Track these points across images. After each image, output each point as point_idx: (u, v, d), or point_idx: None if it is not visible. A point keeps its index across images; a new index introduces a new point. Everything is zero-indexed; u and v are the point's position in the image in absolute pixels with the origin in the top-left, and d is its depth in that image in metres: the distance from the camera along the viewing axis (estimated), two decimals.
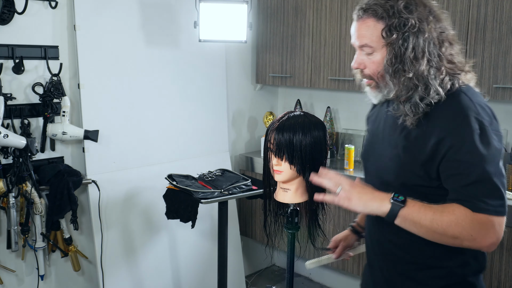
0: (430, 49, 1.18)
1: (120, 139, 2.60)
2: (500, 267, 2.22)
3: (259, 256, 3.57)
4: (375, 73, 1.25)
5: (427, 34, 1.17)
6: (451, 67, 1.20)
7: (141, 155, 2.71)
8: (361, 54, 1.26)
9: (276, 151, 1.31)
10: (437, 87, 1.17)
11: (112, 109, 2.56)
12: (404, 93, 1.20)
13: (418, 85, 1.18)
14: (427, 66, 1.17)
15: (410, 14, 1.17)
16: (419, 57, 1.17)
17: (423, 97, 1.17)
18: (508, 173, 2.40)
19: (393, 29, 1.18)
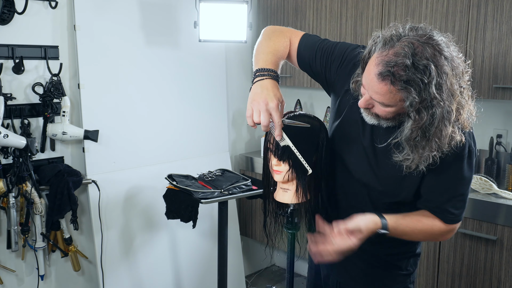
0: (453, 121, 1.13)
1: (120, 139, 2.60)
2: (500, 267, 2.22)
3: (259, 256, 3.57)
4: (383, 116, 1.19)
5: (453, 107, 1.11)
6: (464, 128, 1.19)
7: (141, 155, 2.71)
8: (370, 98, 1.17)
9: (276, 152, 1.31)
10: (448, 148, 1.17)
11: (112, 109, 2.56)
12: (421, 161, 1.17)
13: (436, 155, 1.16)
14: (448, 138, 1.14)
15: (440, 95, 1.07)
16: (443, 134, 1.12)
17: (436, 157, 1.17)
18: (508, 173, 2.40)
19: (422, 109, 1.08)
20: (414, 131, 1.11)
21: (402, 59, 1.06)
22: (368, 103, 1.18)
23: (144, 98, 2.71)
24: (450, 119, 1.10)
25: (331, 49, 1.40)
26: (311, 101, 3.47)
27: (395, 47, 1.09)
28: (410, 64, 1.05)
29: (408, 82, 1.06)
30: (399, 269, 1.45)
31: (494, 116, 2.59)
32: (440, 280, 2.42)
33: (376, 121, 1.22)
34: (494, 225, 2.21)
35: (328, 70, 1.40)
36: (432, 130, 1.10)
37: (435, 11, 2.44)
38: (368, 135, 1.31)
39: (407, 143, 1.15)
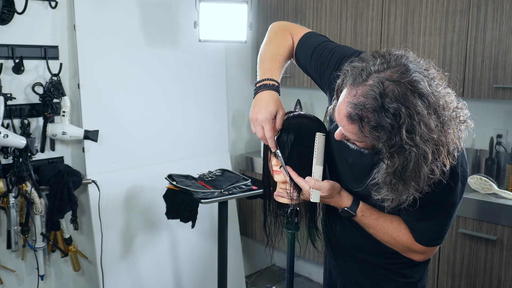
0: (430, 163, 1.01)
1: (120, 139, 2.60)
2: (500, 267, 2.22)
3: (259, 256, 3.57)
4: (362, 147, 1.13)
5: (429, 150, 1.00)
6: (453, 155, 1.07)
7: (141, 155, 2.71)
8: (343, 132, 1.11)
9: None
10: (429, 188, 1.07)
11: (112, 109, 2.56)
12: (400, 201, 1.08)
13: (415, 195, 1.07)
14: (426, 179, 1.03)
15: (412, 140, 0.98)
16: (421, 176, 1.02)
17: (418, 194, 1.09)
18: (508, 173, 2.40)
19: (395, 153, 1.01)
20: (389, 175, 1.03)
21: (371, 103, 0.98)
22: (342, 136, 1.14)
23: (144, 98, 2.71)
24: (426, 162, 1.00)
25: (326, 55, 1.33)
26: (311, 101, 3.47)
27: (364, 85, 1.01)
28: (379, 108, 0.98)
29: (376, 128, 0.99)
30: (404, 277, 1.40)
31: (494, 116, 2.59)
32: (440, 280, 2.42)
33: (354, 146, 1.16)
34: (494, 225, 2.21)
35: (322, 77, 1.37)
36: (407, 174, 1.01)
37: (435, 11, 2.44)
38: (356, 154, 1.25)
39: (384, 185, 1.07)
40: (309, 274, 3.49)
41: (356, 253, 1.42)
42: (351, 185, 1.32)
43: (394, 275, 1.39)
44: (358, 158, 1.25)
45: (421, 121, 0.97)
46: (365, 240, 1.37)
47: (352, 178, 1.31)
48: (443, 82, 1.06)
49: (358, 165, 1.27)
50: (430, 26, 2.47)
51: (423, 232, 1.25)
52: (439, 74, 1.07)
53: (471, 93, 2.34)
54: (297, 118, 1.32)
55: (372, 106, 0.98)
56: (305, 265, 3.50)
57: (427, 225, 1.24)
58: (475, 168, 2.65)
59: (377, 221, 1.29)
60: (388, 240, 1.30)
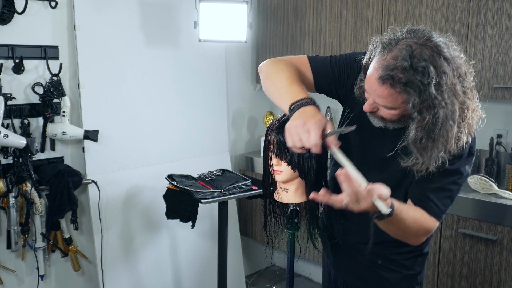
0: (457, 121, 1.12)
1: (120, 139, 2.60)
2: (500, 267, 2.22)
3: (259, 256, 3.57)
4: (388, 119, 1.20)
5: (457, 107, 1.11)
6: (469, 129, 1.19)
7: (141, 155, 2.71)
8: (374, 102, 1.18)
9: (276, 151, 1.31)
10: (456, 149, 1.18)
11: (112, 109, 2.56)
12: (430, 163, 1.17)
13: (444, 156, 1.17)
14: (454, 139, 1.14)
15: (441, 95, 1.07)
16: (449, 134, 1.12)
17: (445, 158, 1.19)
18: (508, 173, 2.40)
19: (424, 109, 1.09)
20: (418, 131, 1.11)
21: (401, 62, 1.07)
22: (372, 107, 1.20)
23: (144, 98, 2.71)
24: (454, 119, 1.10)
25: (342, 60, 1.39)
26: None
27: (393, 50, 1.10)
28: (409, 66, 1.06)
29: (408, 84, 1.07)
30: (406, 269, 1.44)
31: (494, 116, 2.59)
32: (440, 280, 2.42)
33: (382, 123, 1.23)
34: (494, 225, 2.21)
35: (345, 83, 1.40)
36: (436, 130, 1.10)
37: (435, 11, 2.44)
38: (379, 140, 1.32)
39: (414, 146, 1.15)
40: (309, 274, 3.49)
41: (361, 246, 1.42)
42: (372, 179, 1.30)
43: (398, 266, 1.42)
44: (378, 150, 1.32)
45: (448, 80, 1.08)
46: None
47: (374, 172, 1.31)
48: (463, 56, 1.15)
49: (378, 157, 1.32)
50: (430, 26, 2.47)
51: (436, 203, 1.26)
52: (459, 47, 1.16)
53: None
54: None
55: (402, 65, 1.07)
56: (305, 265, 3.50)
57: (441, 196, 1.26)
58: (475, 168, 2.65)
59: (408, 213, 1.22)
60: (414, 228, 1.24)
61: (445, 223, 2.36)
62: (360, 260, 1.44)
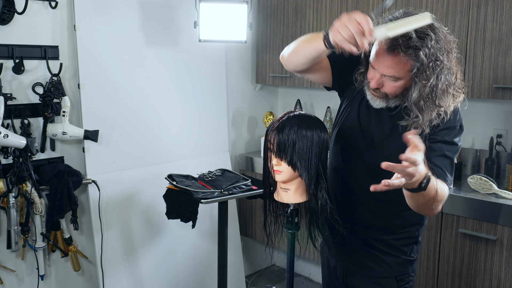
0: (452, 81, 1.30)
1: (120, 139, 2.60)
2: (500, 267, 2.22)
3: (259, 256, 3.57)
4: (392, 94, 1.34)
5: (451, 68, 1.29)
6: (458, 91, 1.35)
7: (141, 155, 2.71)
8: (381, 77, 1.32)
9: (276, 151, 1.31)
10: (450, 111, 1.34)
11: (112, 109, 2.56)
12: (430, 120, 1.31)
13: (441, 114, 1.32)
14: (451, 97, 1.31)
15: (442, 56, 1.25)
16: (447, 91, 1.29)
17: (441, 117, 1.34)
18: (508, 173, 2.40)
19: (429, 71, 1.25)
20: (423, 92, 1.26)
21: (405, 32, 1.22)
22: (379, 82, 1.32)
23: (144, 98, 2.71)
24: (450, 80, 1.28)
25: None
26: (311, 101, 3.47)
27: None
28: (414, 34, 1.23)
29: (415, 47, 1.23)
30: (404, 254, 1.52)
31: (494, 116, 2.59)
32: (440, 280, 2.42)
33: (384, 103, 1.37)
34: (494, 225, 2.21)
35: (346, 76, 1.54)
36: (438, 89, 1.26)
37: (435, 11, 2.44)
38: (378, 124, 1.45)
39: (416, 106, 1.28)
40: (309, 274, 3.49)
41: (364, 231, 1.50)
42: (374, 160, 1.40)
43: (397, 251, 1.50)
44: (378, 132, 1.44)
45: (444, 46, 1.27)
46: (373, 216, 1.48)
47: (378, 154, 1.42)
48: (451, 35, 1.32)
49: (379, 138, 1.43)
50: None
51: (443, 169, 1.35)
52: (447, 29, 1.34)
53: (471, 93, 2.34)
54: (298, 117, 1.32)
55: (407, 34, 1.23)
56: (305, 265, 3.50)
57: (444, 163, 1.36)
58: (475, 168, 2.65)
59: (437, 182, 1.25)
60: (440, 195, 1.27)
61: (445, 223, 2.36)
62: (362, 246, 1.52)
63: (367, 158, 1.47)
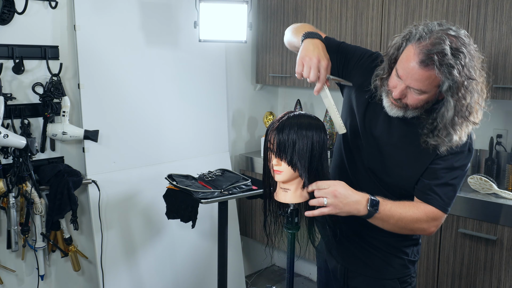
0: (482, 99, 1.29)
1: (120, 139, 2.60)
2: (500, 267, 2.22)
3: (259, 256, 3.57)
4: (413, 106, 1.31)
5: (482, 88, 1.28)
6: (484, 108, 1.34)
7: (141, 155, 2.71)
8: (406, 88, 1.29)
9: (276, 151, 1.31)
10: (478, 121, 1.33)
11: (112, 109, 2.56)
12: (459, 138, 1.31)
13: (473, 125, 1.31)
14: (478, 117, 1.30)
15: (475, 74, 1.24)
16: (474, 112, 1.28)
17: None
18: (508, 173, 2.40)
19: (464, 90, 1.23)
20: (460, 111, 1.25)
21: (442, 46, 1.20)
22: (403, 93, 1.30)
23: (144, 98, 2.71)
24: (482, 96, 1.28)
25: (351, 50, 1.54)
26: (311, 101, 3.47)
27: (431, 38, 1.23)
28: (449, 51, 1.20)
29: (451, 65, 1.20)
30: (406, 255, 1.52)
31: (494, 116, 2.59)
32: (440, 280, 2.42)
33: (401, 112, 1.34)
34: (494, 225, 2.21)
35: (345, 66, 1.53)
36: (472, 107, 1.25)
37: (435, 11, 2.44)
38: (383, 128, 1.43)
39: (450, 125, 1.27)
40: (309, 274, 3.49)
41: (366, 232, 1.51)
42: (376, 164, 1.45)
43: (399, 252, 1.51)
44: (386, 137, 1.42)
45: (476, 63, 1.25)
46: None
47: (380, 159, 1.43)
48: (479, 52, 1.31)
49: (386, 144, 1.42)
50: None
51: (441, 196, 1.37)
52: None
53: None
54: (298, 117, 1.32)
55: (443, 49, 1.20)
56: (305, 265, 3.50)
57: (445, 190, 1.37)
58: (475, 168, 2.65)
59: (394, 204, 1.35)
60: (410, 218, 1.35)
61: (445, 223, 2.36)
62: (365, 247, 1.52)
63: (369, 162, 1.47)
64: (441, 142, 1.30)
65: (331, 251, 1.62)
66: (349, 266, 1.57)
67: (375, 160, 1.45)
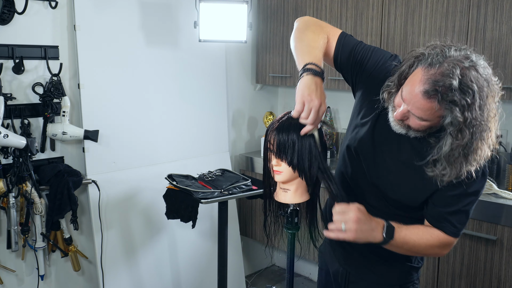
0: (488, 142, 1.21)
1: (120, 139, 2.60)
2: (500, 267, 2.22)
3: (259, 256, 3.57)
4: (415, 128, 1.24)
5: (492, 126, 1.21)
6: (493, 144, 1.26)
7: (141, 155, 2.71)
8: (408, 111, 1.21)
9: (276, 152, 1.31)
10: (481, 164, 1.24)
11: (112, 109, 2.56)
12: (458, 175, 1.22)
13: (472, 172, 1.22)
14: (484, 154, 1.21)
15: (482, 115, 1.15)
16: (479, 152, 1.19)
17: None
18: (508, 173, 2.40)
19: (465, 128, 1.14)
20: (455, 149, 1.17)
21: (450, 80, 1.10)
22: (404, 115, 1.22)
23: (144, 98, 2.71)
24: (487, 138, 1.19)
25: (366, 55, 1.43)
26: None
27: (442, 67, 1.13)
28: (457, 85, 1.10)
29: (454, 102, 1.11)
30: (409, 261, 1.50)
31: None
32: (440, 280, 2.42)
33: (404, 130, 1.27)
34: (494, 225, 2.21)
35: (360, 75, 1.44)
36: (472, 148, 1.16)
37: (435, 11, 2.44)
38: (392, 145, 1.35)
39: (446, 159, 1.19)
40: (309, 274, 3.49)
41: None
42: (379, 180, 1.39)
43: (402, 259, 1.48)
44: (394, 154, 1.35)
45: (487, 102, 1.16)
46: None
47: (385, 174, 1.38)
48: (495, 76, 1.23)
49: (393, 161, 1.36)
50: (430, 26, 2.47)
51: (454, 224, 1.33)
52: (491, 69, 1.23)
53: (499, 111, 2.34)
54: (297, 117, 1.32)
55: (450, 83, 1.10)
56: (305, 265, 3.50)
57: (458, 217, 1.32)
58: None
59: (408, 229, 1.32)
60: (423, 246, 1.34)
61: None
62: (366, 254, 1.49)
63: (373, 176, 1.41)
64: (435, 176, 1.23)
65: (335, 252, 1.60)
66: (351, 270, 1.55)
67: (380, 175, 1.39)
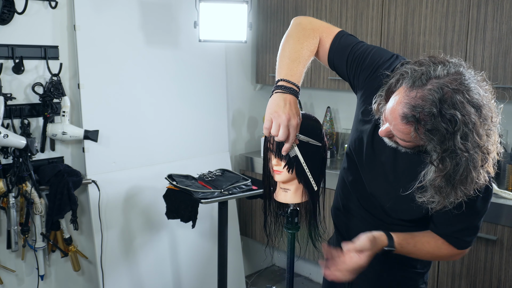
0: (478, 168, 1.08)
1: (120, 139, 2.60)
2: (500, 267, 2.22)
3: (259, 256, 3.57)
4: (403, 146, 1.16)
5: (479, 157, 1.07)
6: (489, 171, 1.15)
7: (141, 155, 2.71)
8: (391, 130, 1.13)
9: (276, 151, 1.30)
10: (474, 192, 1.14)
11: (112, 109, 2.56)
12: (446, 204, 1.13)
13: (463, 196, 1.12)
14: (473, 184, 1.09)
15: (465, 145, 1.02)
16: (468, 181, 1.07)
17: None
18: (508, 173, 2.40)
19: (446, 157, 1.04)
20: (438, 179, 1.07)
21: (429, 107, 1.01)
22: (388, 133, 1.16)
23: (144, 98, 2.71)
24: (475, 168, 1.06)
25: (363, 56, 1.33)
26: (311, 101, 3.47)
27: (423, 89, 1.03)
28: (437, 113, 1.01)
29: (432, 131, 1.02)
30: (413, 267, 1.47)
31: None
32: (440, 280, 2.42)
33: (395, 145, 1.20)
34: (494, 225, 2.21)
35: (357, 78, 1.36)
36: (456, 178, 1.06)
37: (435, 11, 2.44)
38: (390, 154, 1.29)
39: (432, 188, 1.10)
40: (309, 274, 3.49)
41: None
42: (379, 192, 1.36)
43: (406, 265, 1.45)
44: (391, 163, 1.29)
45: (474, 130, 1.03)
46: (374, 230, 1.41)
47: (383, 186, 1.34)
48: (492, 96, 1.13)
49: (389, 170, 1.31)
50: (430, 26, 2.47)
51: (465, 239, 1.30)
52: (489, 87, 1.12)
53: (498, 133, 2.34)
54: None
55: (430, 110, 1.01)
56: (305, 265, 3.49)
57: (468, 233, 1.30)
58: None
59: (416, 247, 1.31)
60: (431, 257, 1.36)
61: None
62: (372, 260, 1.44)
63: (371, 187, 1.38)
64: (424, 203, 1.14)
65: None
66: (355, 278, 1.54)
67: (377, 186, 1.36)
